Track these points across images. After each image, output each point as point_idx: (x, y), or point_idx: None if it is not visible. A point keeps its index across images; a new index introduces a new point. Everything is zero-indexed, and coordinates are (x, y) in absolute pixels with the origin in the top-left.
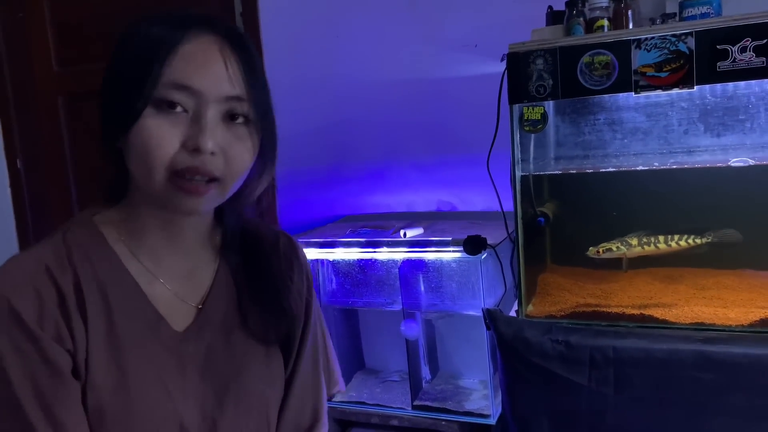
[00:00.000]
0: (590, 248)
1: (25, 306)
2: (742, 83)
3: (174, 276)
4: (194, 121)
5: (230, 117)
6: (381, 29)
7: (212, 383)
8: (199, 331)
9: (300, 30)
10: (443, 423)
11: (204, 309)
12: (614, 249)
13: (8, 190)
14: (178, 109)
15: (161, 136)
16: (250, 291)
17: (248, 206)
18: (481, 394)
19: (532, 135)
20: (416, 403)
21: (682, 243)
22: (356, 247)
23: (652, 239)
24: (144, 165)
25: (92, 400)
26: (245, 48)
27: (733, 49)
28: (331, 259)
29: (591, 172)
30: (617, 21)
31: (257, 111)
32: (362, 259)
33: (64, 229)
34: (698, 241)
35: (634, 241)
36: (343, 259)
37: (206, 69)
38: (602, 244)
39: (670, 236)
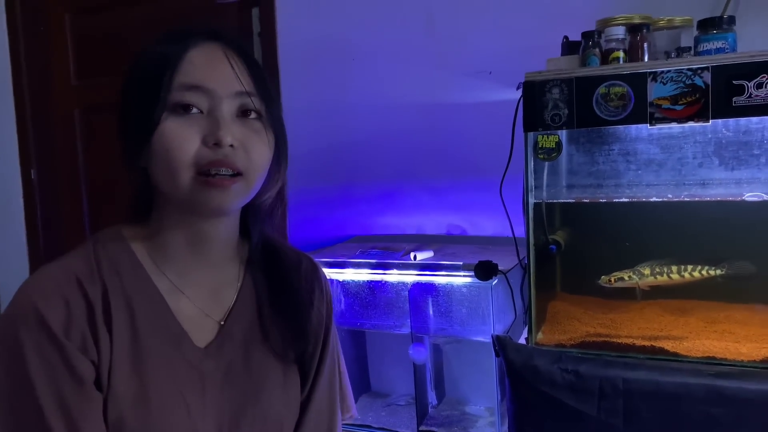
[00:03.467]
0: (602, 277)
1: (53, 315)
2: (756, 118)
3: (199, 291)
4: (210, 118)
5: (243, 113)
6: (397, 52)
7: (230, 401)
8: (220, 347)
9: (317, 51)
10: None
11: (226, 325)
12: (626, 278)
13: (21, 200)
14: (194, 110)
15: (181, 136)
16: (272, 307)
17: (267, 215)
18: (487, 421)
19: (546, 163)
20: (422, 428)
21: (696, 274)
22: (366, 268)
23: (665, 269)
24: (168, 167)
25: (113, 412)
26: (245, 50)
27: (749, 84)
28: (340, 280)
29: (604, 202)
30: (633, 53)
31: (267, 105)
32: (372, 281)
33: (93, 241)
34: (712, 272)
35: (647, 271)
36: (353, 280)
37: (213, 69)
38: (614, 273)
39: (683, 267)
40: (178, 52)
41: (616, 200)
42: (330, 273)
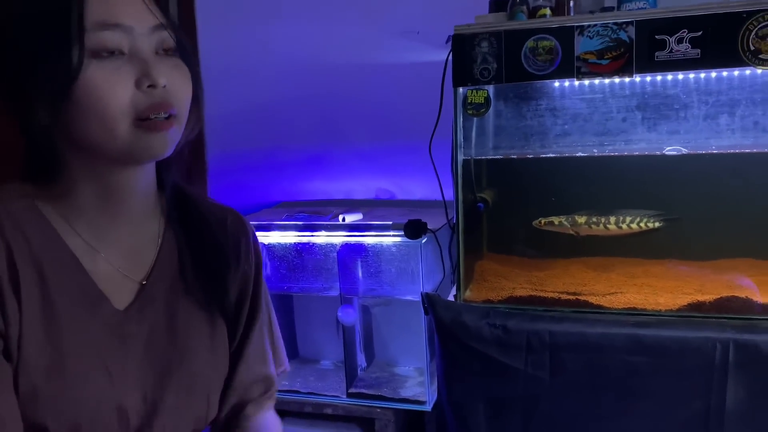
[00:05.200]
0: (540, 219)
1: None
2: (679, 74)
3: (117, 250)
4: (135, 58)
5: (162, 49)
6: (323, 10)
7: (154, 364)
8: (142, 308)
9: (237, 6)
10: (378, 410)
11: (147, 285)
12: (556, 222)
13: None
14: (114, 51)
15: (112, 83)
16: (194, 263)
17: (176, 161)
18: (416, 381)
19: (474, 120)
20: (351, 390)
21: (634, 226)
22: (293, 230)
23: (602, 220)
24: (102, 119)
25: (24, 383)
26: None
27: (670, 39)
28: (266, 243)
29: (531, 158)
30: (559, 11)
31: (178, 37)
32: (299, 243)
33: None
34: (650, 224)
35: (582, 219)
36: (279, 243)
37: (126, 2)
38: (549, 217)
39: (621, 218)
40: None
41: (543, 156)
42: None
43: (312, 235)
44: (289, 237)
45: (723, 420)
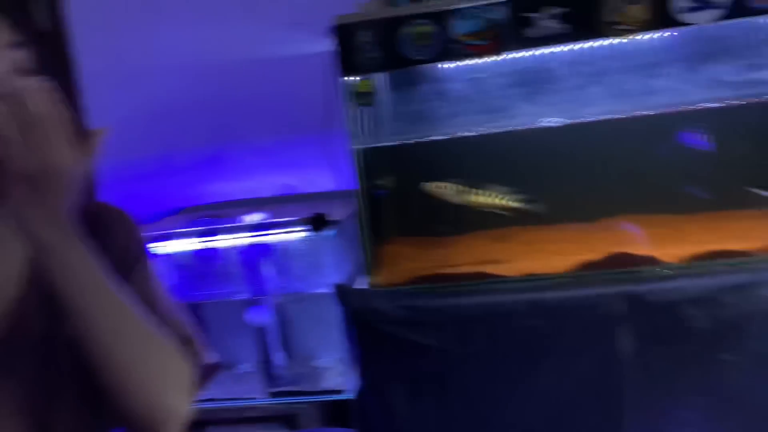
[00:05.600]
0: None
1: None
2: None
3: None
4: None
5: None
6: (205, 8)
7: (42, 387)
8: (18, 335)
9: (115, 8)
10: (300, 406)
11: (20, 308)
12: (434, 187)
13: None
14: None
15: None
16: None
17: None
18: (337, 372)
19: (367, 108)
20: (271, 390)
21: (490, 200)
22: (193, 237)
23: (473, 191)
24: None
25: None
26: None
27: (539, 16)
28: (166, 253)
29: (425, 141)
30: None
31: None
32: (202, 250)
33: None
34: (509, 202)
35: (459, 187)
36: (180, 251)
37: None
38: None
39: (488, 192)
40: None
41: (436, 138)
42: (154, 247)
43: (214, 240)
44: (190, 244)
45: (621, 369)
